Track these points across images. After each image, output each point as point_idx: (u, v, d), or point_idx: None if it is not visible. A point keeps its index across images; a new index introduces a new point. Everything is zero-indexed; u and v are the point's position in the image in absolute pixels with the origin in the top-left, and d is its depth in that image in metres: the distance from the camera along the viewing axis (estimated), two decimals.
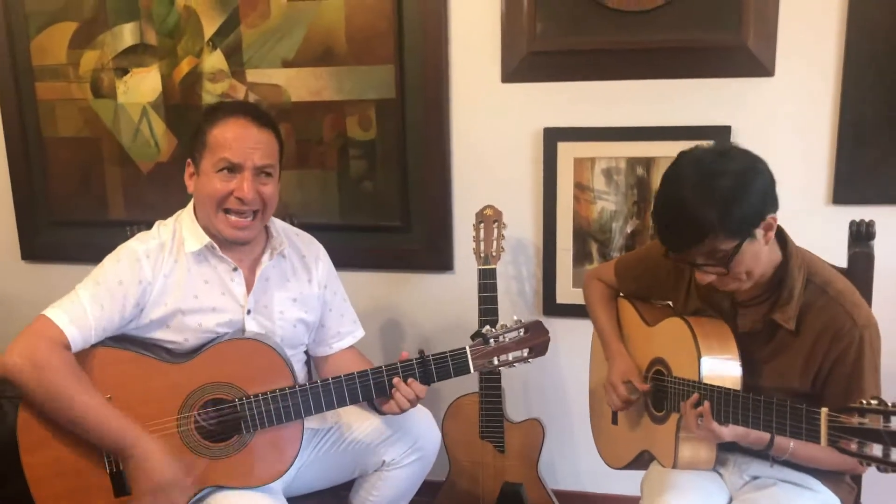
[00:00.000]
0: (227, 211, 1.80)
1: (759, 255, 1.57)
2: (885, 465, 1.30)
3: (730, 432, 1.58)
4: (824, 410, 1.39)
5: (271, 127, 1.85)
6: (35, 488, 1.77)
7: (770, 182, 1.55)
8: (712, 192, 1.48)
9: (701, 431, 1.60)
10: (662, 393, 1.77)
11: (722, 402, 1.57)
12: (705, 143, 1.60)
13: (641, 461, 1.90)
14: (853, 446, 1.34)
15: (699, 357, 1.65)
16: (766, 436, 1.59)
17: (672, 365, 1.76)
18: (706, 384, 1.62)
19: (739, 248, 1.51)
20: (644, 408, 1.86)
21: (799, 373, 1.63)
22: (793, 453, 1.62)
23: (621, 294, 2.05)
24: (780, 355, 1.65)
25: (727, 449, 1.71)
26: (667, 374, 1.76)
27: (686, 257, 1.58)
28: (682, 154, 1.58)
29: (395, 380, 1.80)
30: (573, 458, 2.67)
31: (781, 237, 1.65)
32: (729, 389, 1.58)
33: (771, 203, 1.55)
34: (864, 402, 1.34)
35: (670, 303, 1.92)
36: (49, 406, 1.69)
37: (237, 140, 1.78)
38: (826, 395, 1.61)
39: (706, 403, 1.58)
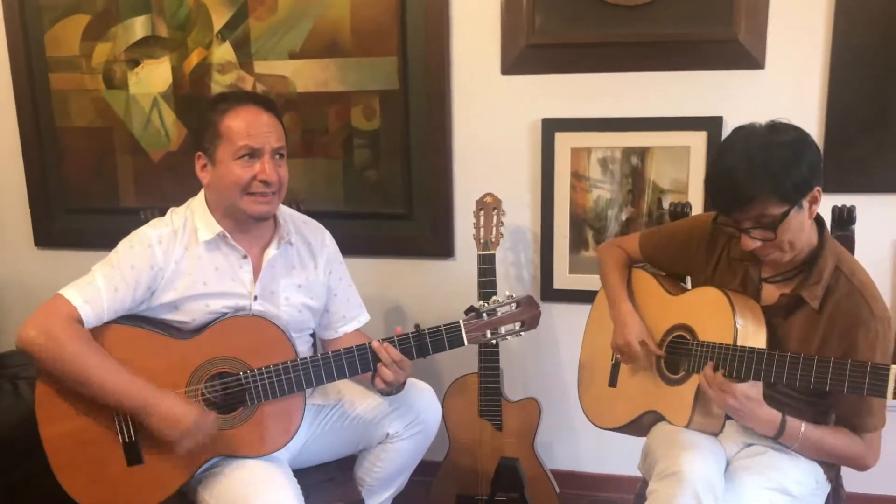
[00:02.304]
0: (250, 194, 1.87)
1: (802, 227, 1.65)
2: None
3: (743, 397, 1.64)
4: (893, 367, 1.47)
5: (275, 111, 1.93)
6: (53, 458, 1.85)
7: (818, 155, 1.64)
8: (768, 159, 1.58)
9: (717, 389, 1.66)
10: (682, 356, 1.83)
11: (765, 362, 1.63)
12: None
13: (638, 425, 1.94)
14: None
15: (736, 323, 1.71)
16: (777, 420, 1.66)
17: (699, 330, 1.81)
18: (745, 347, 1.68)
19: (787, 215, 1.60)
20: (656, 371, 1.91)
21: (814, 353, 1.68)
22: (804, 438, 1.68)
23: (638, 265, 2.10)
24: (798, 332, 1.72)
25: (727, 417, 1.77)
26: (691, 338, 1.83)
27: (735, 221, 1.66)
28: (736, 129, 1.68)
29: (374, 343, 1.86)
30: (570, 438, 2.74)
31: (821, 224, 1.73)
32: (774, 352, 1.64)
33: (818, 176, 1.63)
34: None
35: (689, 278, 1.99)
36: (66, 376, 1.77)
37: (252, 126, 1.85)
38: None
39: (721, 371, 1.66)
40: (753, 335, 1.72)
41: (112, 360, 1.79)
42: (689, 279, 2.03)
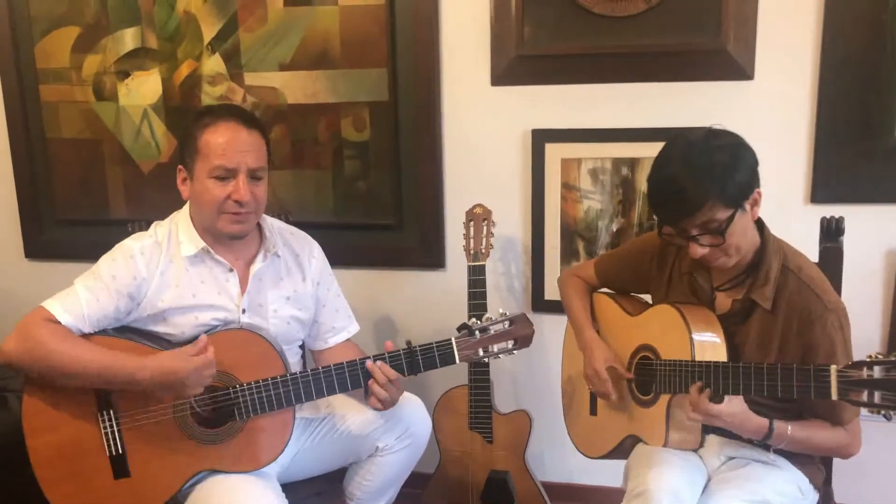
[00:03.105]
0: (225, 213, 1.86)
1: (746, 230, 1.67)
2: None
3: (727, 414, 1.64)
4: (833, 367, 1.48)
5: (258, 128, 1.90)
6: (39, 471, 1.84)
7: (755, 158, 1.66)
8: (710, 164, 1.59)
9: (699, 411, 1.66)
10: (650, 377, 1.83)
11: (720, 375, 1.63)
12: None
13: (622, 449, 1.96)
14: (863, 397, 1.43)
15: (691, 337, 1.71)
16: (765, 426, 1.65)
17: (661, 349, 1.82)
18: (702, 362, 1.68)
19: (733, 218, 1.61)
20: (629, 394, 1.92)
21: (774, 354, 1.70)
22: (791, 439, 1.68)
23: (599, 290, 2.11)
24: (756, 336, 1.73)
25: (706, 431, 1.78)
26: (655, 358, 1.83)
27: (681, 231, 1.66)
28: (672, 137, 1.69)
29: (368, 363, 1.85)
30: (561, 451, 2.72)
31: (759, 224, 1.74)
32: (728, 363, 1.65)
33: (757, 178, 1.66)
34: (870, 356, 1.43)
35: (649, 297, 2.00)
36: (51, 371, 1.77)
37: (230, 145, 1.82)
38: None
39: (707, 390, 1.65)
40: (712, 347, 1.73)
41: (91, 344, 1.79)
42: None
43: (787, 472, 1.76)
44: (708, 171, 1.58)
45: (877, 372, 1.42)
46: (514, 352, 1.92)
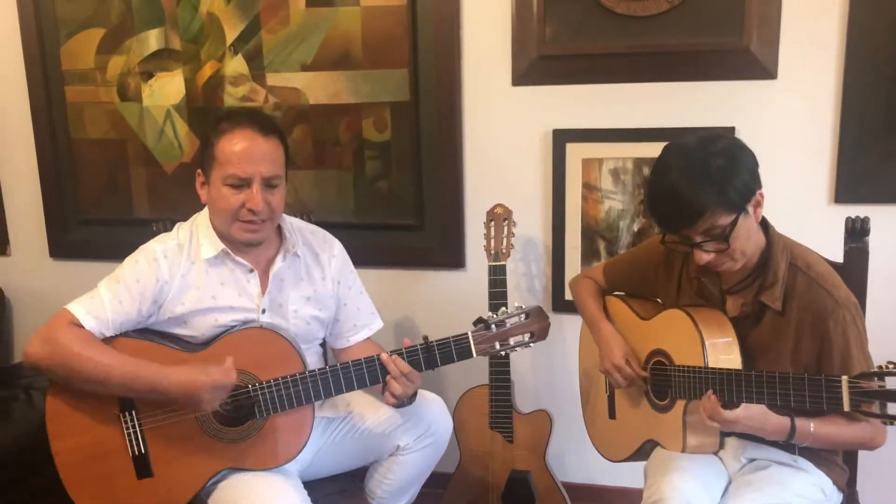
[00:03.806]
0: (239, 220, 1.87)
1: (750, 233, 1.65)
2: None
3: (744, 419, 1.62)
4: (844, 378, 1.46)
5: (276, 134, 1.90)
6: (64, 473, 1.87)
7: (754, 160, 1.64)
8: (708, 171, 1.57)
9: (715, 419, 1.64)
10: (665, 383, 1.83)
11: (733, 383, 1.62)
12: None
13: (642, 452, 1.95)
14: (875, 408, 1.42)
15: (703, 343, 1.70)
16: (787, 425, 1.63)
17: (674, 354, 1.81)
18: (714, 368, 1.67)
19: (736, 223, 1.59)
20: (645, 398, 1.92)
21: (790, 356, 1.69)
22: (815, 437, 1.65)
23: (611, 294, 2.11)
24: (769, 338, 1.72)
25: (725, 434, 1.76)
26: (668, 363, 1.82)
27: (684, 238, 1.65)
28: (668, 146, 1.67)
29: (383, 356, 1.86)
30: (582, 451, 2.69)
31: (764, 224, 1.73)
32: (740, 371, 1.64)
33: (758, 179, 1.64)
34: (881, 366, 1.41)
35: (659, 300, 1.99)
36: (74, 376, 1.79)
37: (244, 153, 1.83)
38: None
39: (715, 395, 1.63)
40: (725, 349, 1.71)
41: (113, 354, 1.81)
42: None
43: (810, 475, 1.75)
44: (706, 178, 1.56)
45: (888, 383, 1.40)
46: (531, 345, 1.92)
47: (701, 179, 1.57)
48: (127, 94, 2.81)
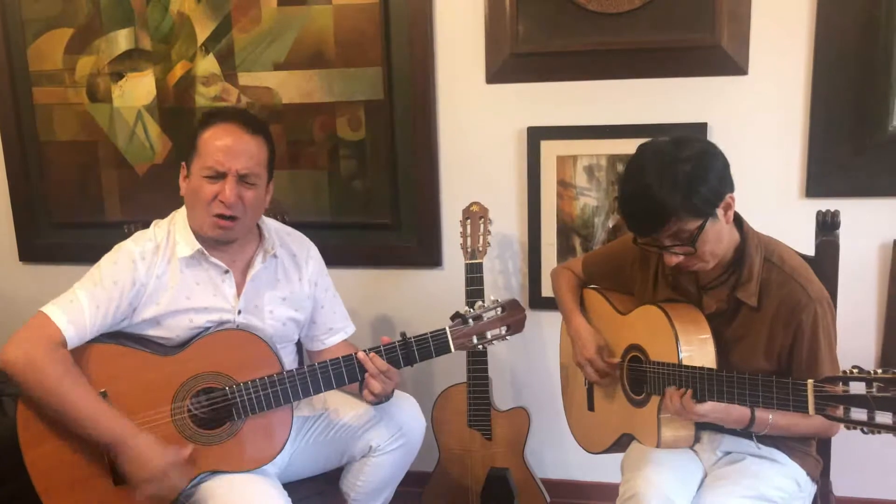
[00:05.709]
0: (213, 214, 1.86)
1: (720, 235, 1.66)
2: (870, 427, 1.39)
3: (711, 412, 1.65)
4: (810, 382, 1.48)
5: (262, 134, 1.90)
6: (37, 481, 1.83)
7: (725, 164, 1.65)
8: (675, 177, 1.57)
9: (684, 414, 1.67)
10: (641, 377, 1.84)
11: (705, 382, 1.64)
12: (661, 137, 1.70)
13: (620, 444, 1.96)
14: (839, 412, 1.43)
15: (677, 340, 1.72)
16: (747, 415, 1.66)
17: (649, 350, 1.83)
18: (688, 366, 1.68)
19: (703, 228, 1.61)
20: (622, 392, 1.93)
21: (763, 349, 1.71)
22: (773, 426, 1.68)
23: (590, 287, 2.12)
24: (744, 333, 1.74)
25: (700, 427, 1.78)
26: (644, 359, 1.84)
27: (653, 241, 1.67)
28: (641, 147, 1.68)
29: (360, 354, 1.85)
30: (561, 447, 2.72)
31: (738, 220, 1.74)
32: (712, 370, 1.65)
33: (728, 183, 1.65)
34: (846, 371, 1.43)
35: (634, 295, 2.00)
36: (43, 402, 1.76)
37: (224, 146, 1.83)
38: (791, 370, 1.69)
39: (689, 391, 1.65)
40: (700, 347, 1.73)
41: (90, 391, 1.78)
42: None
43: (784, 467, 1.77)
44: (673, 184, 1.57)
45: (853, 388, 1.41)
46: (508, 338, 1.93)
47: (668, 186, 1.57)
48: (97, 95, 2.77)
